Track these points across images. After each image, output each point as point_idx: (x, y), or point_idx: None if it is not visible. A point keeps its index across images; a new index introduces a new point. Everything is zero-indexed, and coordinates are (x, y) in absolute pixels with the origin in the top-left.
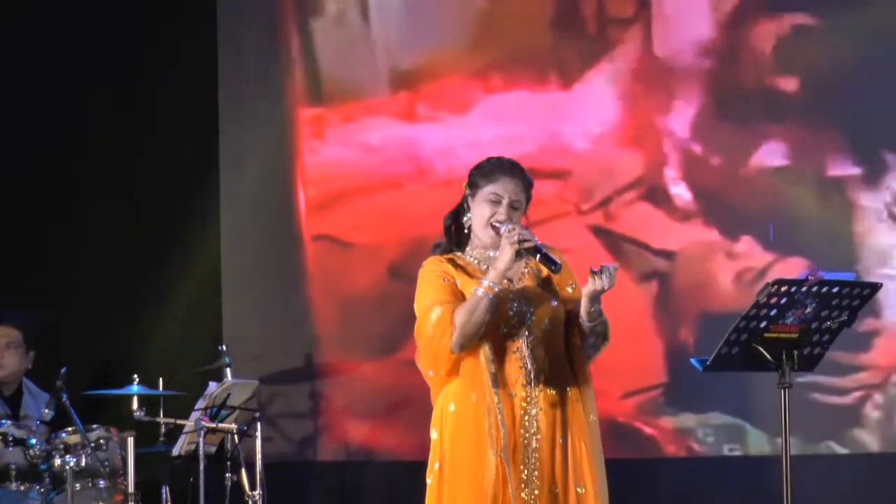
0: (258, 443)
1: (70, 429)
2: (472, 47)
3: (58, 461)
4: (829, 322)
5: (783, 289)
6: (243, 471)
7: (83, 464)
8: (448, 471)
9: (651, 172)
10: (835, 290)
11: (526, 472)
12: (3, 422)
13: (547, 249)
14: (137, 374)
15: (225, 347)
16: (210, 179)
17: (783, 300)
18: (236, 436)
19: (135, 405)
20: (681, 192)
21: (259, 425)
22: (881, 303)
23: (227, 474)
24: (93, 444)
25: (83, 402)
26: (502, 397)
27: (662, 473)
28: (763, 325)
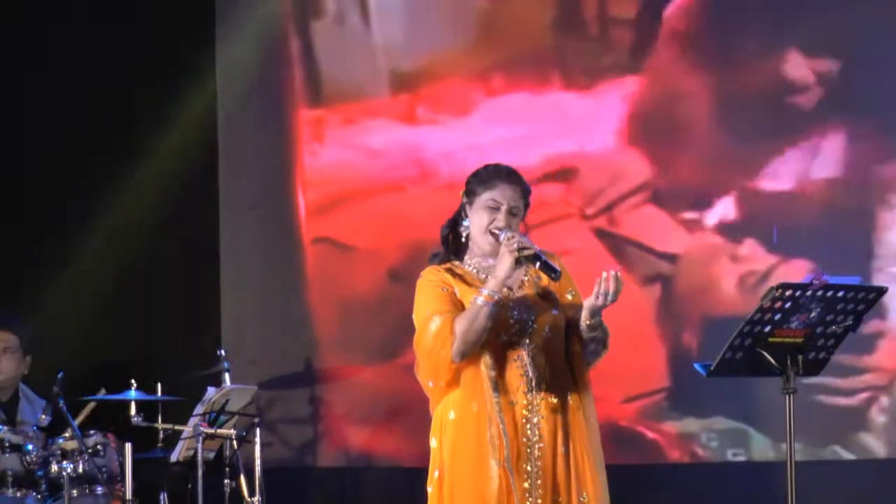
0: (257, 448)
1: (67, 434)
2: (474, 49)
3: (55, 467)
4: (834, 326)
5: (788, 293)
6: (242, 477)
7: (80, 470)
8: (449, 480)
9: (654, 175)
10: (840, 294)
11: (529, 481)
12: (0, 427)
13: (546, 256)
14: (135, 379)
15: (224, 352)
16: (209, 182)
17: (788, 304)
18: (235, 441)
19: (133, 410)
20: (684, 195)
21: (258, 431)
22: (886, 305)
23: (225, 480)
24: (90, 450)
25: (80, 408)
26: (503, 406)
27: (665, 479)
28: (767, 329)
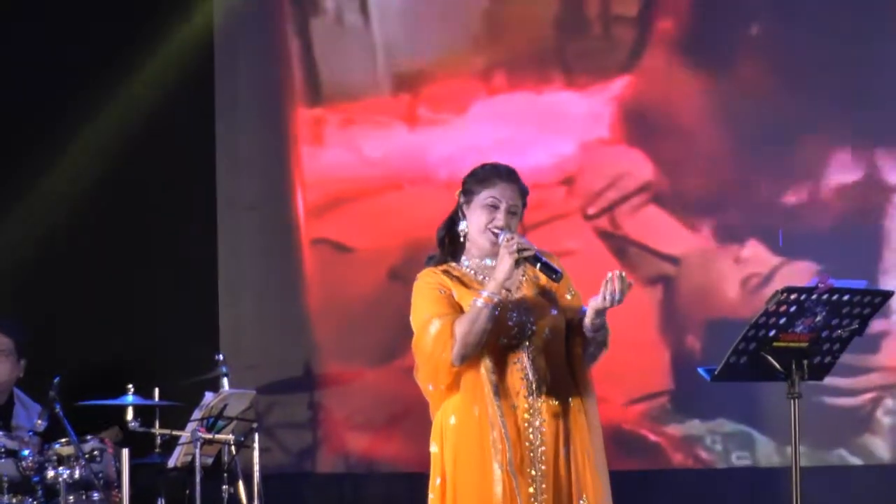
0: (256, 454)
1: (63, 440)
2: (475, 48)
3: (51, 473)
4: (839, 330)
5: (793, 296)
6: (241, 483)
7: (77, 476)
8: (452, 486)
9: (657, 175)
10: (845, 297)
11: (534, 485)
12: None
13: (545, 257)
14: (132, 383)
15: (222, 356)
16: (207, 183)
17: (793, 308)
18: (233, 447)
19: (130, 415)
20: (687, 196)
21: (257, 436)
22: (891, 304)
23: (224, 486)
24: (87, 456)
25: (76, 413)
26: (505, 410)
27: (669, 483)
28: (772, 333)
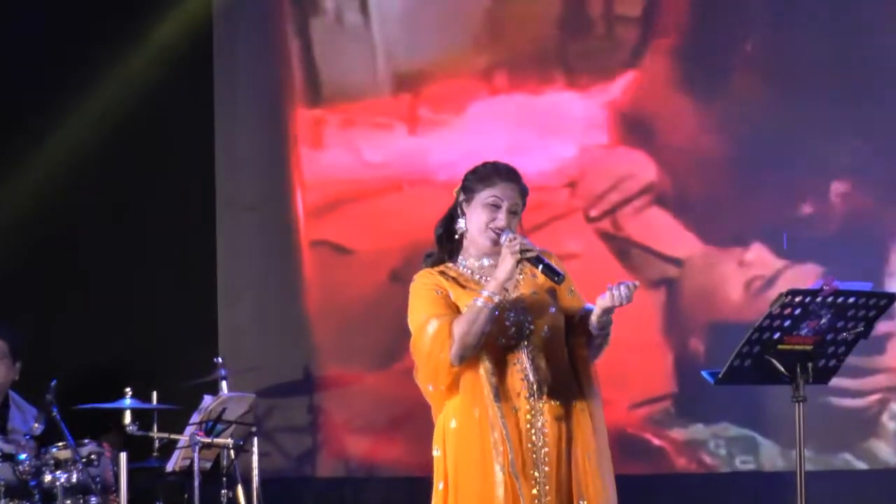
0: (255, 458)
1: (60, 444)
2: (476, 48)
3: (48, 477)
4: (844, 333)
5: (797, 299)
6: (239, 487)
7: (74, 480)
8: (454, 490)
9: (660, 177)
10: (850, 300)
11: (538, 487)
12: None
13: (545, 257)
14: (130, 386)
15: (220, 359)
16: (206, 183)
17: (797, 311)
18: (232, 451)
19: (127, 419)
20: (690, 197)
21: (256, 440)
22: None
23: (222, 491)
24: (84, 460)
25: (73, 416)
26: (505, 411)
27: (672, 488)
28: (777, 336)
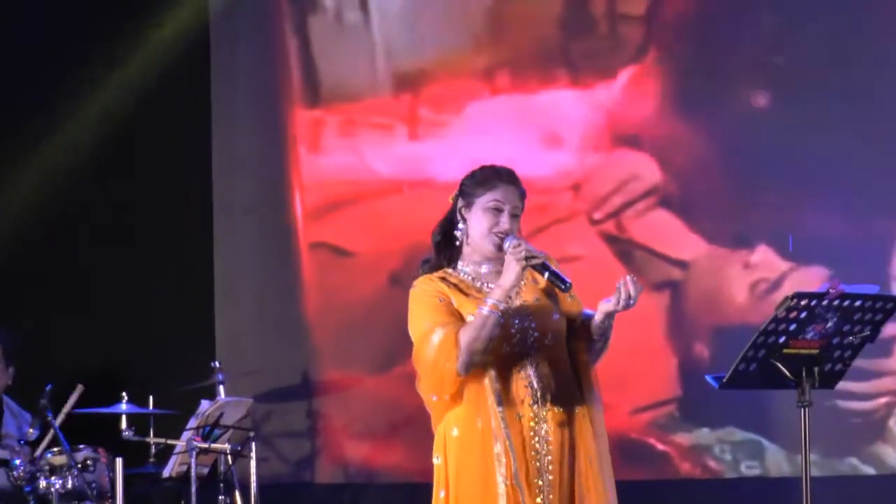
0: (253, 464)
1: (56, 449)
2: (477, 47)
3: (43, 483)
4: (850, 337)
5: (803, 302)
6: (237, 493)
7: (69, 486)
8: (455, 499)
9: (665, 179)
10: (857, 303)
11: (541, 496)
12: None
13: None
14: (126, 391)
15: (218, 363)
16: (202, 186)
17: (803, 314)
18: (230, 456)
19: (124, 424)
20: (695, 199)
21: (254, 445)
22: None
23: (220, 497)
24: (79, 466)
25: (69, 421)
26: (509, 420)
27: (676, 494)
28: (782, 340)
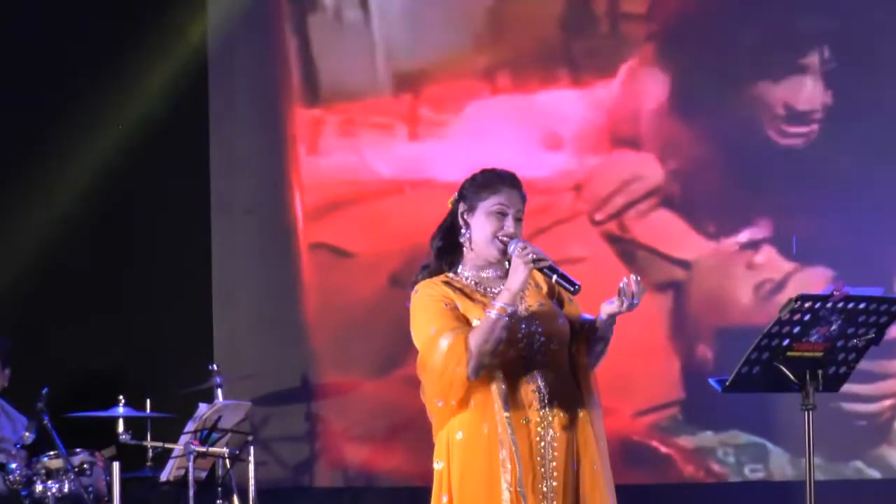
0: (251, 468)
1: (52, 453)
2: (478, 46)
3: (39, 487)
4: (855, 340)
5: (807, 305)
6: (235, 497)
7: (66, 490)
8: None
9: (667, 179)
10: (861, 305)
11: (545, 502)
12: None
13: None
14: (123, 394)
15: (216, 366)
16: (200, 185)
17: (807, 317)
18: (228, 460)
19: (121, 428)
20: (698, 199)
21: (252, 449)
22: None
23: (218, 501)
24: (76, 469)
25: (65, 425)
26: (516, 425)
27: (679, 497)
28: (786, 342)
